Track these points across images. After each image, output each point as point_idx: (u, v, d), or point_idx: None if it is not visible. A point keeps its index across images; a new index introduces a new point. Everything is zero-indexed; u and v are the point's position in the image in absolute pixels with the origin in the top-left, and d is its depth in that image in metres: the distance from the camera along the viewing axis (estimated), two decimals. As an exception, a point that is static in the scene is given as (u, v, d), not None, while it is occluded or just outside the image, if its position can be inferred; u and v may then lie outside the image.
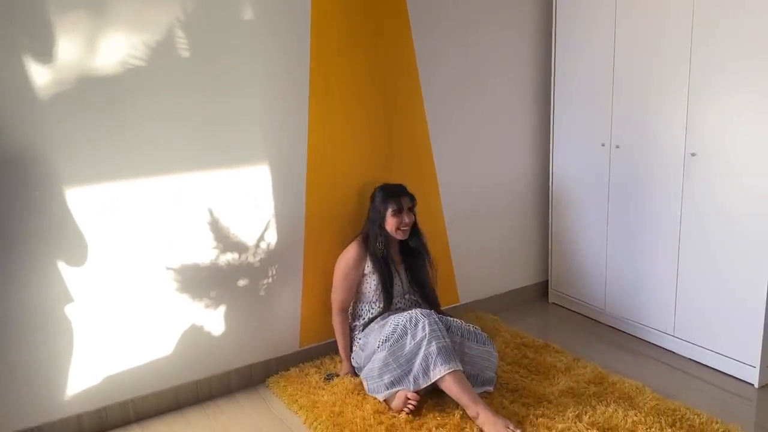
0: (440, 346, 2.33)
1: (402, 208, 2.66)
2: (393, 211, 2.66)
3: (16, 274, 2.20)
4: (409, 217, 2.69)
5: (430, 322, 2.37)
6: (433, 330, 2.35)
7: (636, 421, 2.29)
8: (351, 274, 2.70)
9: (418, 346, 2.36)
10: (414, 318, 2.40)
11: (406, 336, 2.40)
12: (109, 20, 2.22)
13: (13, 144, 2.13)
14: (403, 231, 2.69)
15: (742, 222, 2.56)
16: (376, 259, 2.68)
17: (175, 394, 2.59)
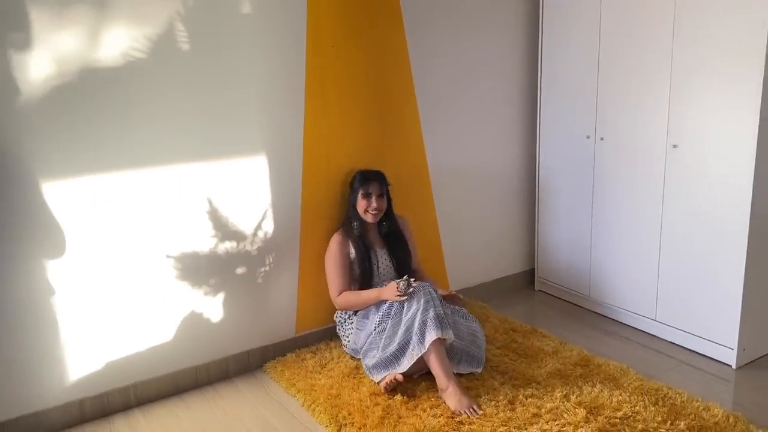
0: (436, 313, 2.45)
1: (370, 192, 2.79)
2: (362, 194, 2.81)
3: (19, 262, 2.25)
4: (378, 201, 2.81)
5: (426, 292, 2.48)
6: (428, 299, 2.46)
7: (621, 400, 2.40)
8: (339, 260, 2.81)
9: (413, 316, 2.46)
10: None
11: (402, 307, 2.51)
12: (111, 13, 2.26)
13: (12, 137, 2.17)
14: (372, 214, 2.81)
15: (721, 211, 2.67)
16: (355, 240, 2.81)
17: (175, 380, 2.65)
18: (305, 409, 2.50)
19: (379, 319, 2.62)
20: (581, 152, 3.28)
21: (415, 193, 3.21)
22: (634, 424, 2.25)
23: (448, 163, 3.31)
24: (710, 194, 2.71)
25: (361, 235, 2.84)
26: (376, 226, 2.90)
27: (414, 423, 2.30)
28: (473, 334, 2.71)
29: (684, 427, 2.22)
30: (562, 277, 3.55)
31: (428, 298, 2.50)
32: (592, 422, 2.26)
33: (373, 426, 2.29)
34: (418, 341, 2.45)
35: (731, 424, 2.26)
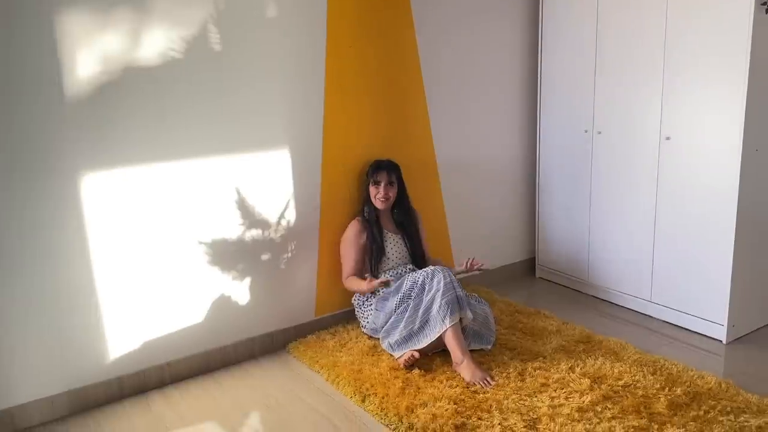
0: (458, 294, 2.66)
1: (379, 180, 3.00)
2: (372, 182, 3.03)
3: (64, 248, 2.42)
4: (387, 189, 3.01)
5: (445, 275, 2.68)
6: (447, 283, 2.66)
7: (622, 371, 2.61)
8: (354, 245, 3.02)
9: (433, 297, 2.66)
10: (431, 273, 2.72)
11: (424, 290, 2.71)
12: (150, 16, 2.45)
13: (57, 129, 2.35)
14: (380, 201, 3.02)
15: (711, 198, 2.89)
16: (369, 225, 3.01)
17: (206, 359, 2.83)
18: (330, 383, 2.69)
19: (399, 300, 2.81)
20: (580, 145, 3.50)
21: (424, 184, 3.41)
22: (635, 391, 2.46)
23: (455, 155, 3.51)
24: (700, 182, 2.93)
25: (374, 221, 3.04)
26: (390, 213, 3.10)
27: (432, 392, 2.49)
28: (485, 317, 2.91)
29: (680, 393, 2.43)
30: (561, 264, 3.76)
31: (448, 281, 2.70)
32: (596, 390, 2.46)
33: (394, 395, 2.49)
34: (441, 320, 2.64)
35: (723, 390, 2.47)
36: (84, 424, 2.47)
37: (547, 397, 2.44)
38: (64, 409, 2.52)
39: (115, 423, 2.47)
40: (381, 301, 2.91)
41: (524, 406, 2.39)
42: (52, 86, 2.31)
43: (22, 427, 2.45)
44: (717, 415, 2.29)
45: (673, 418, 2.28)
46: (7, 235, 2.31)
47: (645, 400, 2.40)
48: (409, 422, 2.32)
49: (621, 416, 2.30)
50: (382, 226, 3.08)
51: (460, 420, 2.30)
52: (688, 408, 2.35)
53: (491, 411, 2.36)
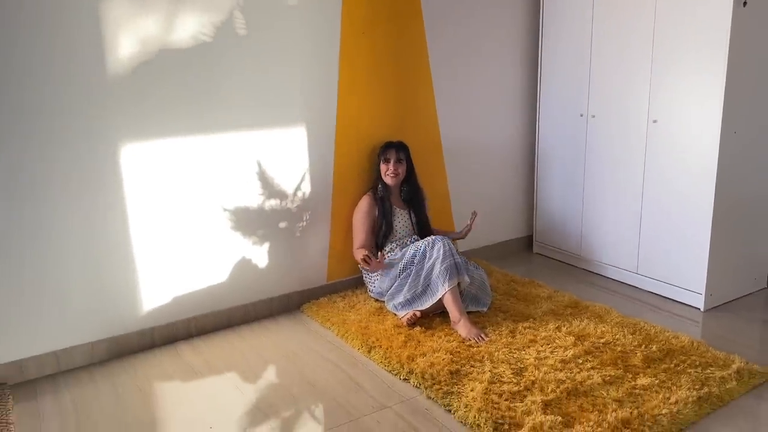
0: (456, 261, 2.94)
1: (389, 158, 3.27)
2: (383, 160, 3.30)
3: (104, 210, 2.72)
4: (396, 166, 3.29)
5: (444, 244, 2.95)
6: (446, 251, 2.93)
7: (604, 330, 2.88)
8: (366, 219, 3.29)
9: (433, 263, 2.94)
10: (431, 242, 2.99)
11: (425, 257, 2.98)
12: (184, 3, 2.73)
13: (101, 103, 2.64)
14: (390, 177, 3.29)
15: (692, 176, 3.14)
16: (380, 200, 3.28)
17: (228, 315, 3.13)
18: (339, 338, 2.98)
19: (402, 266, 3.09)
20: (575, 129, 3.75)
21: (430, 163, 3.68)
22: (614, 348, 2.73)
23: (459, 138, 3.78)
24: (684, 162, 3.18)
25: (384, 197, 3.32)
26: (399, 190, 3.37)
27: (431, 345, 2.78)
28: (482, 282, 3.19)
29: (655, 349, 2.70)
30: (557, 240, 4.03)
31: (447, 249, 2.97)
32: (579, 346, 2.74)
33: (397, 347, 2.77)
34: (441, 284, 2.92)
35: (695, 347, 2.74)
36: (121, 369, 2.78)
37: (534, 351, 2.72)
38: (102, 354, 2.83)
39: (149, 368, 2.77)
40: (386, 267, 3.19)
41: (513, 357, 2.67)
42: (96, 64, 2.60)
43: (66, 368, 2.76)
44: (686, 368, 2.56)
45: (647, 370, 2.55)
46: (57, 197, 2.61)
47: (623, 354, 2.67)
48: (409, 368, 2.61)
49: (599, 367, 2.57)
50: (392, 201, 3.35)
51: (454, 367, 2.58)
52: (661, 362, 2.62)
53: (483, 361, 2.64)
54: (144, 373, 2.73)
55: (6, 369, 2.64)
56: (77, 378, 2.71)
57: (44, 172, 2.57)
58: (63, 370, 2.75)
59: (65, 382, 2.67)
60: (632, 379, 2.49)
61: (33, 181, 2.55)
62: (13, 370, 2.65)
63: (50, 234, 2.62)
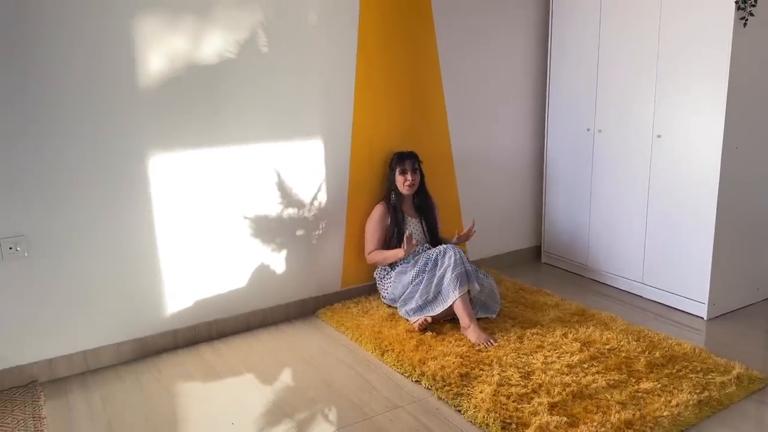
0: (466, 269, 3.06)
1: (406, 169, 3.39)
2: (399, 171, 3.41)
3: (139, 217, 2.87)
4: (413, 175, 3.41)
5: (455, 252, 3.08)
6: (457, 259, 3.06)
7: (609, 337, 2.99)
8: (378, 227, 3.43)
9: (445, 271, 3.06)
10: (443, 250, 3.12)
11: (437, 265, 3.11)
12: (211, 21, 2.89)
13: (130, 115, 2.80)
14: (407, 187, 3.41)
15: (694, 190, 3.26)
16: (393, 210, 3.41)
17: (247, 319, 3.26)
18: (353, 341, 3.11)
19: (415, 273, 3.22)
20: (582, 142, 3.87)
21: (441, 175, 3.81)
22: (618, 353, 2.84)
23: (469, 149, 3.91)
24: (687, 176, 3.29)
25: (397, 206, 3.45)
26: (411, 199, 3.50)
27: (442, 349, 2.90)
28: (491, 289, 3.31)
29: (659, 355, 2.80)
30: (564, 250, 4.14)
31: (458, 257, 3.09)
32: (585, 351, 2.85)
33: (409, 351, 2.89)
34: (452, 291, 3.04)
35: (697, 354, 2.84)
36: (146, 368, 2.91)
37: (541, 356, 2.83)
38: (127, 354, 2.97)
39: (173, 368, 2.91)
40: (399, 274, 3.32)
41: (521, 362, 2.78)
42: (127, 78, 2.76)
43: (94, 368, 2.90)
44: (688, 373, 2.67)
45: (650, 375, 2.66)
46: (90, 202, 2.76)
47: (627, 360, 2.78)
48: (421, 371, 2.73)
49: (604, 372, 2.68)
50: (405, 211, 3.48)
51: (464, 370, 2.70)
52: (664, 367, 2.72)
53: (492, 364, 2.76)
54: (168, 373, 2.86)
55: (37, 367, 2.78)
56: (104, 377, 2.84)
57: (79, 178, 2.73)
58: (91, 369, 2.89)
59: (93, 381, 2.81)
60: (635, 383, 2.59)
61: (69, 185, 2.71)
62: (44, 369, 2.80)
63: (83, 238, 2.78)
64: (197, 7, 2.85)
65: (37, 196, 2.66)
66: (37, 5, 2.53)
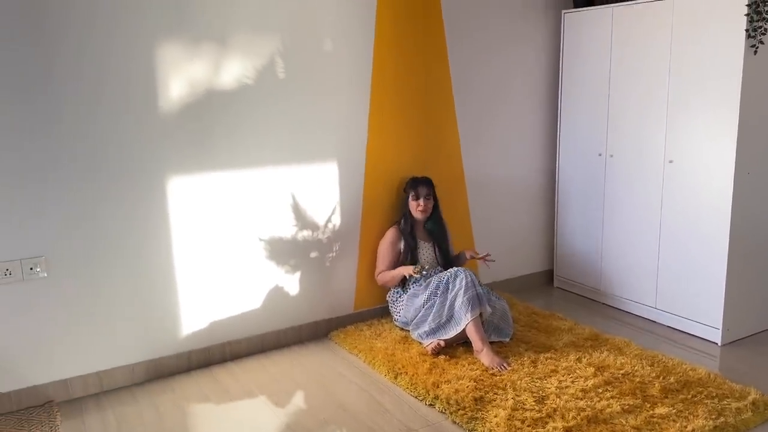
0: (478, 292, 3.07)
1: (419, 194, 3.43)
2: (413, 197, 3.45)
3: (156, 238, 2.91)
4: (425, 201, 3.44)
5: (467, 275, 3.09)
6: (468, 282, 3.07)
7: (624, 362, 2.98)
8: (390, 251, 3.45)
9: (456, 294, 3.08)
10: (454, 273, 3.14)
11: (448, 288, 3.12)
12: (229, 48, 2.96)
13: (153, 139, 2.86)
14: (420, 212, 3.45)
15: (708, 215, 3.27)
16: (406, 235, 3.44)
17: (261, 340, 3.28)
18: (367, 364, 3.11)
19: (426, 296, 3.23)
20: (594, 167, 3.90)
21: (454, 199, 3.84)
22: (633, 378, 2.83)
23: (481, 173, 3.94)
24: (699, 201, 3.30)
25: (410, 230, 3.47)
26: (423, 223, 3.53)
27: (455, 373, 2.90)
28: (504, 312, 3.31)
29: (673, 381, 2.79)
30: (577, 274, 4.14)
31: (469, 280, 3.10)
32: (599, 376, 2.84)
33: (422, 374, 2.90)
34: (464, 315, 3.04)
35: (712, 380, 2.83)
36: (160, 389, 2.93)
37: (555, 380, 2.82)
38: (142, 375, 2.99)
39: (187, 389, 2.92)
40: (411, 297, 3.33)
41: (535, 386, 2.78)
42: (148, 103, 2.83)
43: (108, 388, 2.92)
44: (703, 399, 2.65)
45: (664, 400, 2.65)
46: (107, 228, 2.81)
47: (641, 385, 2.77)
48: (435, 394, 2.73)
49: (619, 396, 2.67)
50: (416, 235, 3.50)
51: (478, 394, 2.70)
52: (679, 393, 2.71)
53: (506, 389, 2.75)
54: (182, 394, 2.87)
55: (53, 387, 2.80)
56: (119, 397, 2.86)
57: (99, 200, 2.78)
58: (105, 390, 2.91)
59: (108, 401, 2.83)
60: (650, 408, 2.58)
61: (89, 207, 2.77)
62: (60, 389, 2.82)
63: (101, 259, 2.82)
64: (217, 35, 2.93)
65: (57, 217, 2.71)
66: (66, 34, 2.61)
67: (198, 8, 2.87)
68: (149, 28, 2.78)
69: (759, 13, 2.96)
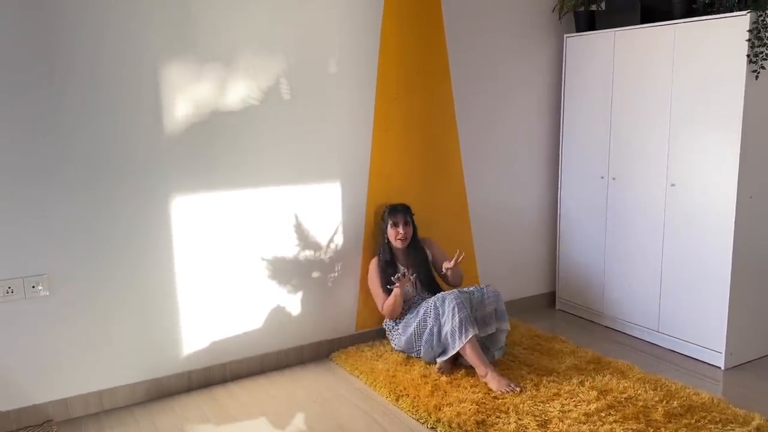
0: (461, 317, 3.00)
1: (398, 222, 3.40)
2: (391, 224, 3.41)
3: (159, 257, 2.92)
4: (405, 228, 3.39)
5: (453, 298, 3.05)
6: (457, 304, 3.03)
7: (626, 386, 2.96)
8: (379, 281, 3.39)
9: (446, 320, 3.05)
10: (442, 297, 3.12)
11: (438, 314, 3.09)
12: (235, 70, 2.99)
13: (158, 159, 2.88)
14: (400, 241, 3.40)
15: (710, 239, 3.27)
16: (385, 263, 3.39)
17: (261, 361, 3.26)
18: (368, 386, 3.09)
19: (416, 325, 3.19)
20: (596, 190, 3.91)
21: (456, 221, 3.85)
22: (636, 402, 2.81)
23: (484, 195, 3.95)
24: (701, 225, 3.31)
25: (391, 259, 3.43)
26: (404, 251, 3.48)
27: (457, 395, 2.88)
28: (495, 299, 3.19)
29: (676, 405, 2.77)
30: (579, 297, 4.13)
31: (459, 301, 3.04)
32: (602, 400, 2.82)
33: (424, 396, 2.88)
34: (457, 339, 2.99)
35: (715, 404, 2.81)
36: (160, 410, 2.91)
37: (558, 404, 2.80)
38: (142, 395, 2.97)
39: (187, 410, 2.91)
40: (405, 327, 3.29)
41: (537, 409, 2.76)
42: (154, 123, 2.85)
43: (108, 408, 2.90)
44: (707, 424, 2.63)
45: (668, 425, 2.63)
46: (109, 247, 2.82)
47: (644, 409, 2.75)
48: (437, 417, 2.71)
49: (622, 421, 2.65)
50: (397, 262, 3.46)
51: (480, 417, 2.68)
52: (682, 417, 2.69)
53: (508, 412, 2.73)
54: (183, 415, 2.86)
55: (53, 406, 2.79)
56: (119, 417, 2.84)
57: (102, 219, 2.79)
58: (106, 409, 2.89)
59: (108, 421, 2.81)
60: (654, 433, 2.56)
61: (92, 226, 2.78)
62: (60, 408, 2.80)
63: (103, 278, 2.82)
64: (223, 56, 2.96)
65: (60, 237, 2.71)
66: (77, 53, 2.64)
67: (204, 29, 2.91)
68: (157, 48, 2.81)
69: (760, 38, 2.99)
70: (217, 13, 2.93)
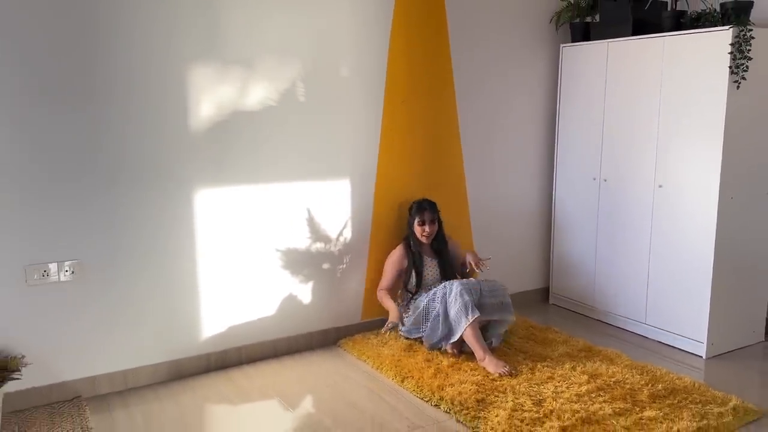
0: (468, 299, 3.23)
1: (424, 220, 3.62)
2: (418, 222, 3.63)
3: (181, 247, 3.13)
4: (430, 226, 3.63)
5: (458, 285, 3.29)
6: (461, 290, 3.26)
7: (615, 371, 3.19)
8: (395, 267, 3.65)
9: (451, 304, 3.29)
10: (449, 285, 3.36)
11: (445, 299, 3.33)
12: (256, 73, 3.21)
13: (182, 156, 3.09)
14: (425, 237, 3.63)
15: (693, 237, 3.51)
16: (412, 254, 3.64)
17: (274, 345, 3.47)
18: (374, 369, 3.31)
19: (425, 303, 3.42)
20: (589, 191, 4.15)
21: (457, 218, 4.07)
22: (623, 385, 3.04)
23: (484, 194, 4.18)
24: (686, 223, 3.55)
25: (417, 251, 3.68)
26: (429, 244, 3.74)
27: (459, 378, 3.10)
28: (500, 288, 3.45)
29: (661, 388, 3.00)
30: (571, 291, 4.36)
31: (460, 289, 3.26)
32: (592, 383, 3.05)
33: (428, 378, 3.10)
34: (461, 321, 3.24)
35: (696, 387, 3.04)
36: (181, 389, 3.11)
37: (551, 386, 3.03)
38: (163, 375, 3.18)
39: (207, 390, 3.11)
40: (414, 308, 3.51)
41: (533, 390, 2.98)
42: (179, 121, 3.06)
43: (133, 386, 3.10)
44: (688, 404, 2.87)
45: (652, 404, 2.86)
46: (137, 236, 3.03)
47: (631, 391, 2.98)
48: (440, 396, 2.93)
49: (610, 401, 2.88)
50: (422, 253, 3.70)
51: (480, 396, 2.90)
52: (666, 398, 2.92)
53: (506, 392, 2.96)
54: (203, 394, 3.06)
55: (81, 383, 2.99)
56: (143, 395, 3.04)
57: (132, 210, 3.00)
58: (129, 388, 3.09)
59: (132, 399, 3.01)
60: (639, 411, 2.79)
61: (123, 217, 2.99)
62: (87, 385, 3.01)
63: (131, 264, 3.03)
64: (245, 60, 3.18)
65: (92, 225, 2.92)
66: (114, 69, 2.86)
67: (229, 35, 3.13)
68: (184, 52, 3.03)
69: (741, 51, 3.24)
70: (242, 19, 3.15)
